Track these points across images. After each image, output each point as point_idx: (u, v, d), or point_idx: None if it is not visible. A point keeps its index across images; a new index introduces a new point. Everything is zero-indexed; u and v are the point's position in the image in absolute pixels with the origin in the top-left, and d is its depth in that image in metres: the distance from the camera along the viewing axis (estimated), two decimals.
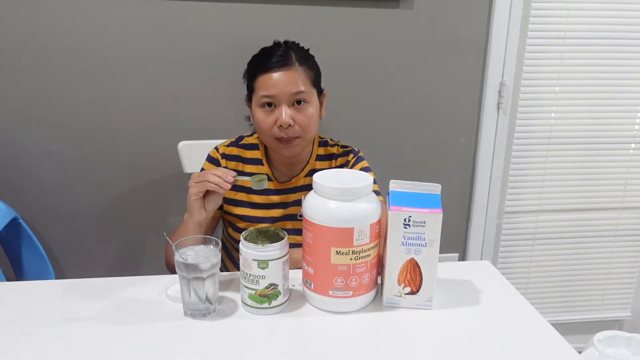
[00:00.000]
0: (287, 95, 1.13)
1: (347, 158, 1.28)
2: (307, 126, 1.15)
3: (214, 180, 1.02)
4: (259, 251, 0.92)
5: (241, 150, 1.26)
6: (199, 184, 1.04)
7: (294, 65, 1.14)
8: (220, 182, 1.02)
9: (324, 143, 1.30)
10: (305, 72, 1.16)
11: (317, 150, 1.28)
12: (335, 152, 1.29)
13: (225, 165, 1.25)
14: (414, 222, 0.94)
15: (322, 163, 1.28)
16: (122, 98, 1.63)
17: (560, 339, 0.91)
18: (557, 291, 2.10)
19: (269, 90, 1.13)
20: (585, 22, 1.78)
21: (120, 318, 0.95)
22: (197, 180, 1.05)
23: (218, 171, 1.04)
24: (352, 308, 0.98)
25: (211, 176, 1.03)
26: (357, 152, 1.29)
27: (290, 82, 1.13)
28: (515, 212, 1.98)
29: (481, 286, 1.08)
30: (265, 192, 1.24)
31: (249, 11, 1.60)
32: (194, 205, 1.06)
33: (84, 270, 1.77)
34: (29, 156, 1.65)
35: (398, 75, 1.74)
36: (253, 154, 1.26)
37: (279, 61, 1.13)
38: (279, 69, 1.13)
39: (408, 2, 1.67)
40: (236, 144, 1.27)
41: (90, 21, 1.55)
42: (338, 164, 1.28)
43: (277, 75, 1.13)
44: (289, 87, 1.13)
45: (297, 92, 1.13)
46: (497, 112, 1.83)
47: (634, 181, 1.98)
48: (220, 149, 1.26)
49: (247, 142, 1.27)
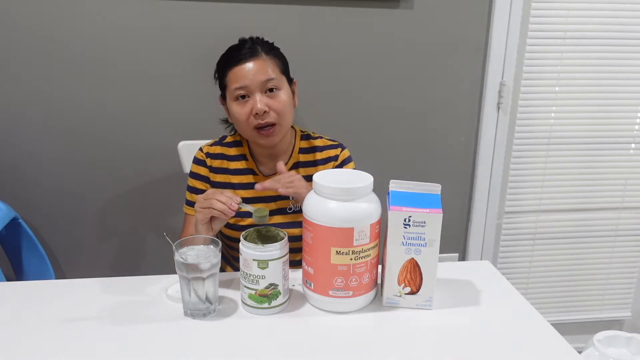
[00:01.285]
0: (259, 83, 1.17)
1: (336, 152, 1.30)
2: (282, 112, 1.18)
3: (219, 207, 1.03)
4: (259, 251, 0.92)
5: (225, 148, 1.29)
6: (204, 210, 1.05)
7: (261, 55, 1.18)
8: (225, 209, 1.03)
9: (306, 136, 1.32)
10: (273, 60, 1.20)
11: (299, 143, 1.30)
12: (319, 144, 1.31)
13: (211, 164, 1.27)
14: (414, 222, 0.94)
15: (306, 156, 1.30)
16: (122, 98, 1.63)
17: (560, 339, 0.91)
18: (557, 291, 2.10)
19: (240, 82, 1.17)
20: (585, 22, 1.78)
21: (120, 318, 0.95)
22: (203, 206, 1.05)
23: (223, 197, 1.04)
24: (352, 308, 0.98)
25: (216, 203, 1.03)
26: (344, 147, 1.33)
27: (260, 71, 1.17)
28: (515, 212, 1.98)
29: (481, 286, 1.08)
30: (252, 186, 1.24)
31: (249, 11, 1.60)
32: (201, 229, 1.08)
33: (84, 270, 1.77)
34: (29, 156, 1.65)
35: (398, 75, 1.74)
36: (237, 150, 1.29)
37: (246, 53, 1.18)
38: (248, 60, 1.17)
39: (408, 2, 1.67)
40: (220, 142, 1.30)
41: (90, 22, 1.55)
42: (323, 157, 1.30)
43: (246, 66, 1.17)
44: (260, 76, 1.17)
45: (268, 80, 1.17)
46: (497, 112, 1.83)
47: (634, 181, 1.98)
48: (204, 149, 1.29)
49: (231, 140, 1.30)
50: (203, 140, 1.48)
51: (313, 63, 1.67)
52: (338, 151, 1.31)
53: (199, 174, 1.27)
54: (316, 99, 1.70)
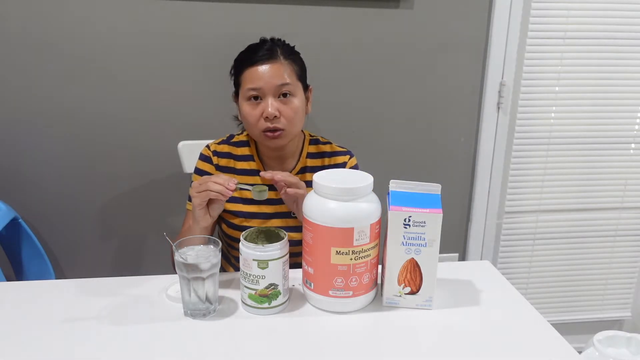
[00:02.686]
0: (273, 87, 1.15)
1: (344, 159, 1.30)
2: (292, 119, 1.17)
3: (216, 188, 1.02)
4: (259, 251, 0.92)
5: (232, 148, 1.28)
6: (201, 194, 1.04)
7: (279, 58, 1.17)
8: (222, 189, 1.02)
9: (315, 141, 1.32)
10: (290, 66, 1.18)
11: (307, 148, 1.30)
12: (328, 150, 1.30)
13: (217, 162, 1.26)
14: (414, 222, 0.94)
15: (314, 161, 1.29)
16: (122, 98, 1.63)
17: (560, 339, 0.91)
18: (557, 291, 2.10)
19: (254, 83, 1.15)
20: (585, 22, 1.78)
21: (120, 318, 0.95)
22: (199, 190, 1.04)
23: (219, 179, 1.04)
24: (352, 308, 0.98)
25: (213, 185, 1.03)
26: (353, 155, 1.32)
27: (275, 75, 1.15)
28: (515, 212, 1.98)
29: (481, 286, 1.08)
30: None
31: (249, 11, 1.60)
32: (199, 215, 1.07)
33: (84, 270, 1.77)
34: (29, 156, 1.65)
35: (398, 75, 1.74)
36: (244, 150, 1.28)
37: (264, 55, 1.16)
38: (265, 62, 1.15)
39: (408, 2, 1.67)
40: (227, 141, 1.29)
41: (90, 23, 1.55)
42: (331, 163, 1.29)
43: (262, 68, 1.15)
44: (275, 79, 1.15)
45: (283, 84, 1.16)
46: (497, 112, 1.83)
47: (634, 181, 1.98)
48: (211, 147, 1.28)
49: (238, 140, 1.29)
50: (203, 140, 1.47)
51: (312, 63, 1.65)
52: (346, 158, 1.30)
53: (204, 171, 1.27)
54: (315, 99, 1.69)
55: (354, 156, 1.32)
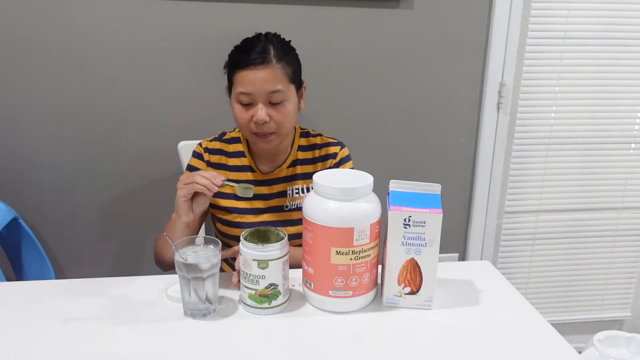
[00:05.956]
0: (264, 93, 1.14)
1: (335, 149, 1.30)
2: (282, 123, 1.17)
3: (202, 182, 1.03)
4: (259, 251, 0.92)
5: (224, 145, 1.29)
6: (187, 186, 1.05)
7: (271, 62, 1.14)
8: (209, 184, 1.03)
9: (305, 134, 1.32)
10: (283, 69, 1.16)
11: (298, 141, 1.30)
12: (318, 142, 1.31)
13: (209, 159, 1.27)
14: (414, 222, 0.94)
15: (305, 153, 1.30)
16: (122, 98, 1.63)
17: (560, 339, 0.91)
18: (557, 291, 2.10)
19: (246, 88, 1.14)
20: (585, 22, 1.78)
21: (120, 318, 0.95)
22: (185, 182, 1.05)
23: (207, 173, 1.05)
24: (352, 308, 0.98)
25: (200, 178, 1.04)
26: (344, 145, 1.31)
27: (267, 81, 1.13)
28: (515, 212, 1.98)
29: (481, 286, 1.08)
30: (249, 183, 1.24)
31: (249, 11, 1.60)
32: (181, 207, 1.07)
33: (84, 270, 1.77)
34: (29, 156, 1.65)
35: (398, 75, 1.74)
36: (235, 147, 1.29)
37: (257, 58, 1.13)
38: (257, 67, 1.13)
39: (408, 2, 1.67)
40: (219, 138, 1.30)
41: (90, 23, 1.55)
42: (322, 154, 1.29)
43: (254, 73, 1.13)
44: (266, 86, 1.13)
45: (274, 91, 1.14)
46: (497, 112, 1.83)
47: (634, 181, 1.98)
48: (203, 144, 1.29)
49: (230, 137, 1.30)
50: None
51: (312, 63, 1.66)
52: (337, 149, 1.30)
53: (196, 168, 1.27)
54: (315, 99, 1.70)
55: (345, 147, 1.31)
